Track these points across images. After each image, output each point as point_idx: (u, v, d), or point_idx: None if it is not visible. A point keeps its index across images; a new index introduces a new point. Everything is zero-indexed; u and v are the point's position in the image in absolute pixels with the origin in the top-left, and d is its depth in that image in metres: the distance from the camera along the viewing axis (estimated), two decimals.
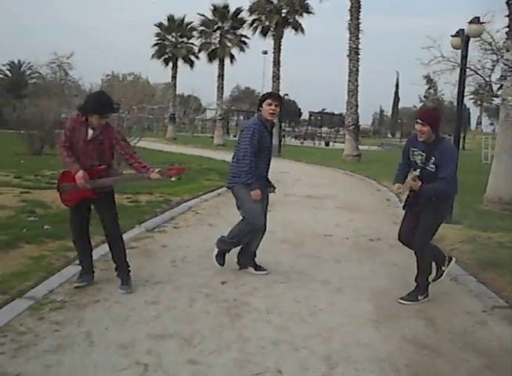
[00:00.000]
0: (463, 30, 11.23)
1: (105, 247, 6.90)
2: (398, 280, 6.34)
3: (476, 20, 10.76)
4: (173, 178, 5.78)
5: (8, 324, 4.39)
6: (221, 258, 6.35)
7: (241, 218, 6.29)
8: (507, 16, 12.62)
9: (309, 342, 4.44)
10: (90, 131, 5.39)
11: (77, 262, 5.88)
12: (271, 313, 5.05)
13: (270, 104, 6.01)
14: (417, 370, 4.08)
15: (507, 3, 12.50)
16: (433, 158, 5.29)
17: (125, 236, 7.62)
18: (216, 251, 6.36)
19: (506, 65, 12.75)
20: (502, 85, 13.37)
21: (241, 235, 6.25)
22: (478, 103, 65.58)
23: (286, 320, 4.87)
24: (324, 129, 67.63)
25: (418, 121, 5.26)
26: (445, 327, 4.95)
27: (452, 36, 11.79)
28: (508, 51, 12.58)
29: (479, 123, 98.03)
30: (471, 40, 12.09)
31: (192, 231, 8.74)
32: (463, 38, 11.12)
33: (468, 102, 59.84)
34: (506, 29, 12.79)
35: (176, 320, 4.76)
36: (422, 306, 5.49)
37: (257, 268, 6.44)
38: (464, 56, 11.18)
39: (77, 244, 5.79)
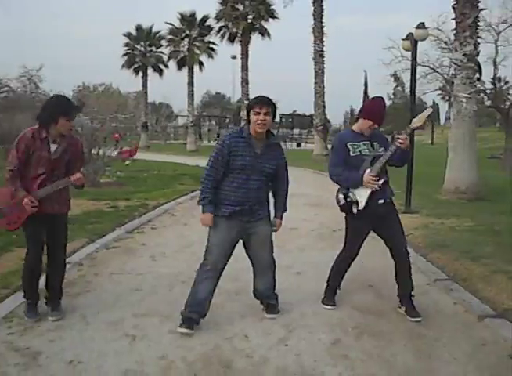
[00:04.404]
0: (412, 33, 12.11)
1: (90, 247, 7.66)
2: (355, 263, 7.11)
3: (421, 25, 11.64)
4: (127, 162, 5.25)
5: (12, 312, 5.10)
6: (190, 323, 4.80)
7: None
8: (453, 19, 13.58)
9: (272, 315, 5.21)
10: (53, 147, 4.87)
11: (23, 295, 5.15)
12: (239, 295, 5.80)
13: (257, 113, 4.67)
14: (363, 330, 4.87)
15: (453, 7, 13.46)
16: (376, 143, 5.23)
17: (107, 238, 8.41)
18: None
19: (455, 64, 13.70)
20: (453, 82, 14.29)
21: (194, 283, 4.98)
22: (446, 98, 66.82)
23: (252, 299, 5.54)
24: (296, 131, 68.43)
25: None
26: (391, 297, 5.69)
27: (403, 39, 12.67)
28: (456, 51, 13.52)
29: (448, 118, 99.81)
30: (429, 39, 13.06)
31: (168, 231, 9.47)
32: (412, 41, 12.00)
33: (436, 98, 61.17)
34: (454, 31, 13.78)
35: (157, 302, 5.52)
36: (372, 282, 6.30)
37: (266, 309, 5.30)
38: (414, 58, 12.06)
39: (30, 276, 5.04)
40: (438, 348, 4.52)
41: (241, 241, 5.05)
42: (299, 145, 54.62)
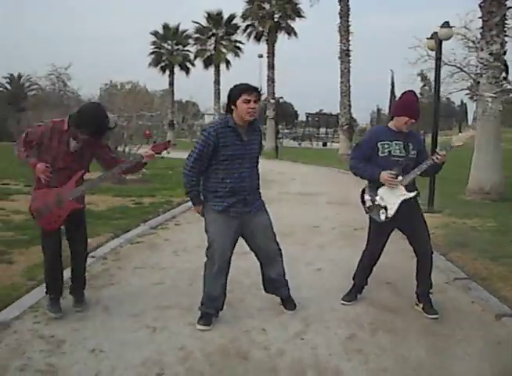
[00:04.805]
0: (436, 33, 12.09)
1: (115, 242, 7.84)
2: None
3: (446, 25, 11.61)
4: (164, 153, 5.21)
5: (38, 303, 5.28)
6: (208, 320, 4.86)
7: None
8: (480, 17, 13.52)
9: (290, 310, 5.30)
10: (73, 142, 4.79)
11: (45, 291, 5.18)
12: (258, 289, 5.88)
13: (248, 101, 4.59)
14: (378, 326, 4.94)
15: (480, 5, 13.39)
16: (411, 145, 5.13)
17: (131, 233, 8.59)
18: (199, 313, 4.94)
19: (481, 63, 13.62)
20: (479, 82, 14.22)
21: (206, 283, 4.97)
22: (474, 98, 66.10)
23: (270, 294, 5.71)
24: (322, 130, 68.30)
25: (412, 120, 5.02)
26: (408, 295, 5.74)
27: (428, 38, 12.66)
28: (482, 50, 13.45)
29: (475, 118, 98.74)
30: (456, 38, 13.03)
31: (192, 227, 9.60)
32: (436, 41, 11.98)
33: (465, 97, 60.67)
34: (480, 30, 13.71)
35: (178, 296, 5.66)
36: (390, 280, 6.34)
37: (283, 303, 5.37)
38: (438, 58, 12.05)
39: (50, 272, 5.12)
40: (453, 346, 4.57)
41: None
42: (325, 144, 54.63)
